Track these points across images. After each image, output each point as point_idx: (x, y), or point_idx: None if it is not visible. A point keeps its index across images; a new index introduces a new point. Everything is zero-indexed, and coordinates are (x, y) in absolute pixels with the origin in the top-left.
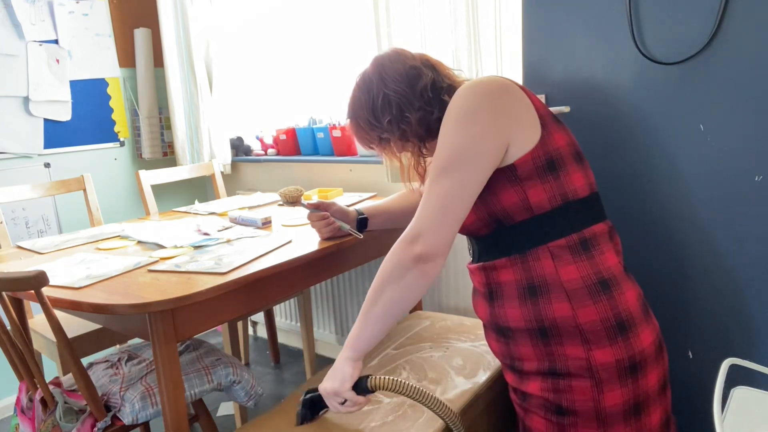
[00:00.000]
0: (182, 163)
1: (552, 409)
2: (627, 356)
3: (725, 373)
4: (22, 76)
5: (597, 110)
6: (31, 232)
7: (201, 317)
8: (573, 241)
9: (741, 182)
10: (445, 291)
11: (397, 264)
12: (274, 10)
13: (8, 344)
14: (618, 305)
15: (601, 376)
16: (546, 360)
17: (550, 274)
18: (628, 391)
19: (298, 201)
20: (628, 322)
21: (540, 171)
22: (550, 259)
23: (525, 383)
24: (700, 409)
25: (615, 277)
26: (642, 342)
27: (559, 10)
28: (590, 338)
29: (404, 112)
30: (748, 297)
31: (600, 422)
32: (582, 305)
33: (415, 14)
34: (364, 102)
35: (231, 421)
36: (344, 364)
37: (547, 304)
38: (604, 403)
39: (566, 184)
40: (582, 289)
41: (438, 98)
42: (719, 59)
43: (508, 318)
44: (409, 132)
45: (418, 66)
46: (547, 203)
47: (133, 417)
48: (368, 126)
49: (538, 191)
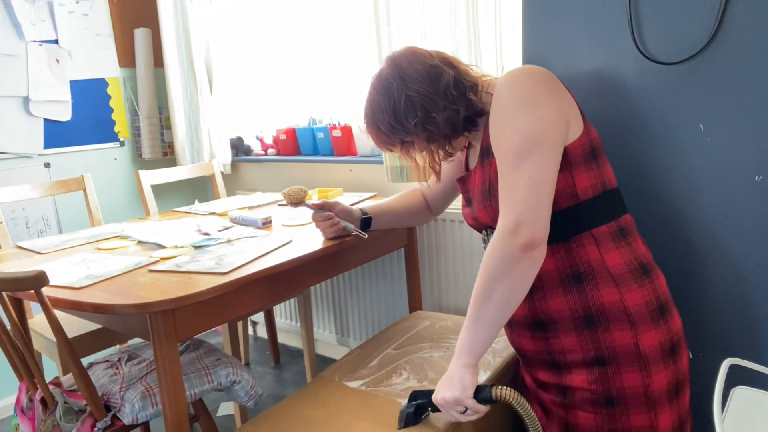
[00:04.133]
0: (182, 163)
1: (600, 401)
2: (668, 338)
3: (725, 373)
4: (22, 76)
5: (597, 110)
6: (31, 232)
7: (201, 317)
8: (613, 229)
9: (741, 182)
10: (445, 291)
11: (504, 258)
12: (274, 10)
13: (8, 344)
14: (657, 288)
15: (648, 359)
16: (592, 349)
17: (595, 260)
18: (670, 373)
19: (301, 201)
20: (666, 304)
21: (587, 158)
22: (595, 245)
23: (568, 377)
24: (700, 409)
25: (650, 262)
26: (677, 324)
27: (559, 9)
28: (637, 322)
29: (430, 113)
30: (748, 297)
31: (649, 406)
32: (629, 289)
33: (415, 14)
34: (385, 105)
35: (231, 421)
36: (463, 371)
37: (594, 289)
38: (652, 386)
39: (605, 173)
40: (627, 273)
41: (463, 96)
42: (719, 59)
43: (550, 309)
44: (436, 132)
45: (437, 65)
46: (590, 190)
47: (133, 417)
48: (390, 130)
49: (583, 178)
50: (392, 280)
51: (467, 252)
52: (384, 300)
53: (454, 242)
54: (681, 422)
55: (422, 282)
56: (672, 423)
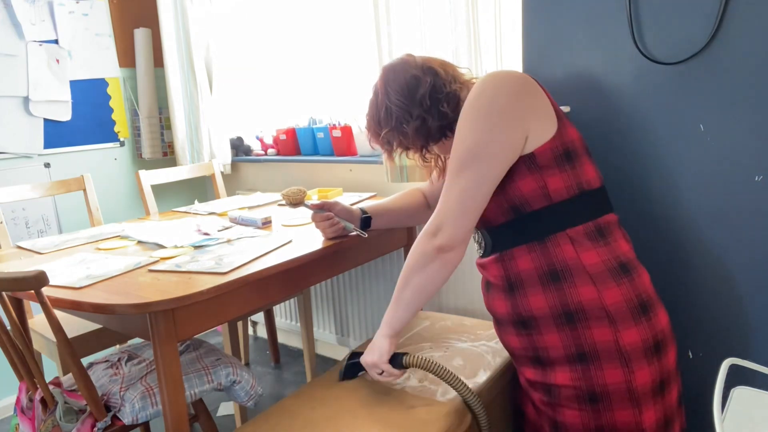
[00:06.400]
0: (182, 163)
1: (585, 397)
2: (651, 335)
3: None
4: (22, 76)
5: (597, 110)
6: (31, 232)
7: (201, 317)
8: (590, 229)
9: (741, 182)
10: (445, 291)
11: (421, 255)
12: (274, 10)
13: (8, 344)
14: (638, 287)
15: (630, 356)
16: (573, 345)
17: (571, 258)
18: (654, 370)
19: (301, 202)
20: (648, 302)
21: (558, 160)
22: (570, 245)
23: (552, 374)
24: (700, 409)
25: (631, 261)
26: (661, 321)
27: (559, 10)
28: (617, 319)
29: (402, 123)
30: (748, 297)
31: (633, 402)
32: (606, 287)
33: (415, 14)
34: (372, 113)
35: (231, 421)
36: (382, 340)
37: (572, 287)
38: (635, 383)
39: (581, 175)
40: (605, 272)
41: (436, 107)
42: (719, 59)
43: (531, 306)
44: (406, 141)
45: (417, 75)
46: (564, 192)
47: (133, 417)
48: (375, 135)
49: (556, 179)
50: (392, 280)
51: (467, 252)
52: (384, 300)
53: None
54: (667, 419)
55: None
56: (657, 419)
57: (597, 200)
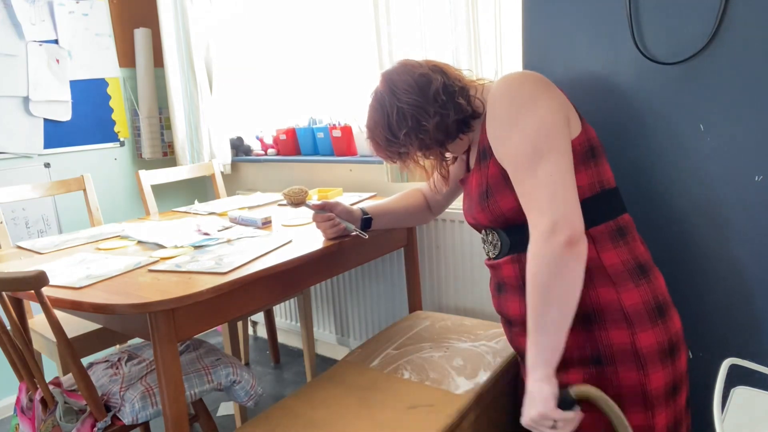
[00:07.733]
0: (182, 163)
1: None
2: (666, 338)
3: (725, 373)
4: (22, 76)
5: (597, 110)
6: (31, 232)
7: (201, 317)
8: (611, 228)
9: (741, 182)
10: (445, 291)
11: (551, 260)
12: (274, 10)
13: (8, 344)
14: (656, 288)
15: (646, 359)
16: (588, 347)
17: (592, 259)
18: (668, 373)
19: (302, 202)
20: (664, 305)
21: (584, 157)
22: (592, 244)
23: (564, 376)
24: (700, 409)
25: (648, 262)
26: (675, 324)
27: (559, 10)
28: (634, 321)
29: (421, 122)
30: (748, 297)
31: (646, 406)
32: (626, 289)
33: (415, 14)
34: (379, 120)
35: (231, 421)
36: (540, 385)
37: (592, 288)
38: (650, 386)
39: (603, 173)
40: (624, 273)
41: (452, 100)
42: (719, 59)
43: None
44: (428, 140)
45: (426, 73)
46: (587, 189)
47: (133, 417)
48: (387, 143)
49: (581, 176)
50: (392, 280)
51: (467, 252)
52: (384, 300)
53: (454, 242)
54: (677, 422)
55: (422, 282)
56: (668, 422)
57: (616, 199)
